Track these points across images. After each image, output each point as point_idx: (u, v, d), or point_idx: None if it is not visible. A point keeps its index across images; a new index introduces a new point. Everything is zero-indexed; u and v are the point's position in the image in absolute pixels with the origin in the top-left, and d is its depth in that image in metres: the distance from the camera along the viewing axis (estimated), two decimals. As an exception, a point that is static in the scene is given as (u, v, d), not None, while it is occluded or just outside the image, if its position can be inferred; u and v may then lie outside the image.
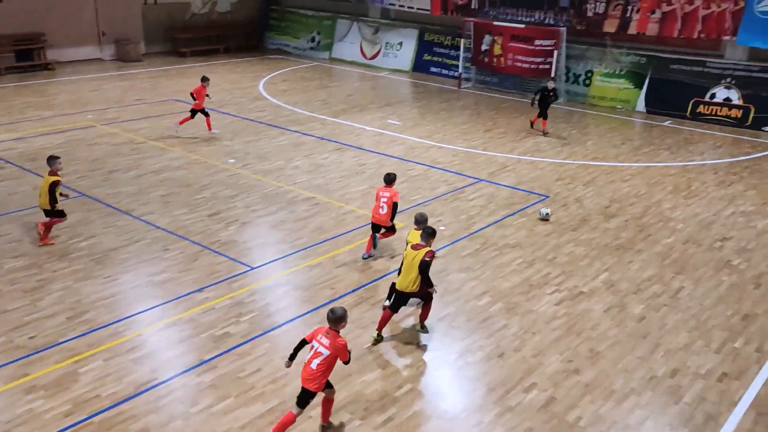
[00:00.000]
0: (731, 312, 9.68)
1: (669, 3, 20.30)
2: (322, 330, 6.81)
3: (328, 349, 6.67)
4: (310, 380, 6.70)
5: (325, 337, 6.72)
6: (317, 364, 6.67)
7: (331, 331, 6.74)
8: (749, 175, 15.54)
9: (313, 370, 6.68)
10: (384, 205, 10.63)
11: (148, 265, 10.51)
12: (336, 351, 6.67)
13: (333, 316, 6.74)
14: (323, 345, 6.70)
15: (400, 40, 26.96)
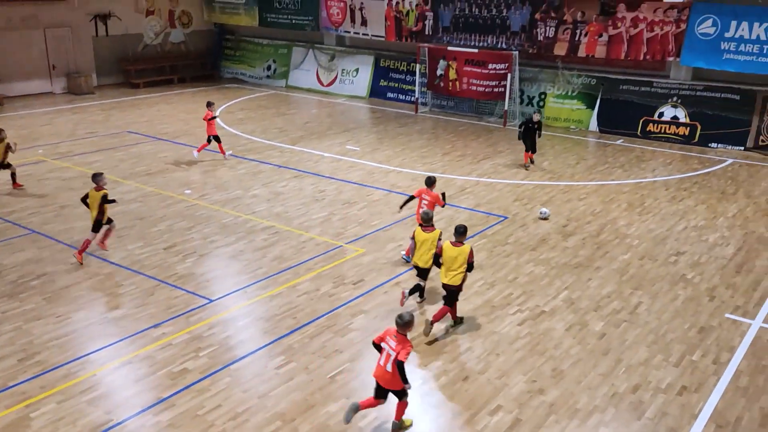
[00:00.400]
0: (688, 325, 9.84)
1: (615, 27, 20.91)
2: (391, 332, 7.21)
3: (396, 351, 7.05)
4: (390, 382, 7.15)
5: (393, 340, 7.12)
6: (391, 365, 7.07)
7: (398, 334, 7.14)
8: (698, 190, 15.95)
9: (389, 372, 7.09)
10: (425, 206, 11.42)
11: (102, 302, 10.24)
12: (399, 352, 7.02)
13: (401, 322, 7.14)
14: (392, 348, 7.09)
15: (356, 67, 27.14)
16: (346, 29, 26.89)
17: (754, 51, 18.70)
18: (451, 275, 9.36)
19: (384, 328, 9.49)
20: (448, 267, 9.36)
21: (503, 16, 22.89)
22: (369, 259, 11.91)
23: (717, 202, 15.07)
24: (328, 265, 11.62)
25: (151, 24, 29.25)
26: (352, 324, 9.74)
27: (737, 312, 10.25)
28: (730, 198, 15.39)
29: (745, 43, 18.78)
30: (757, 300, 10.64)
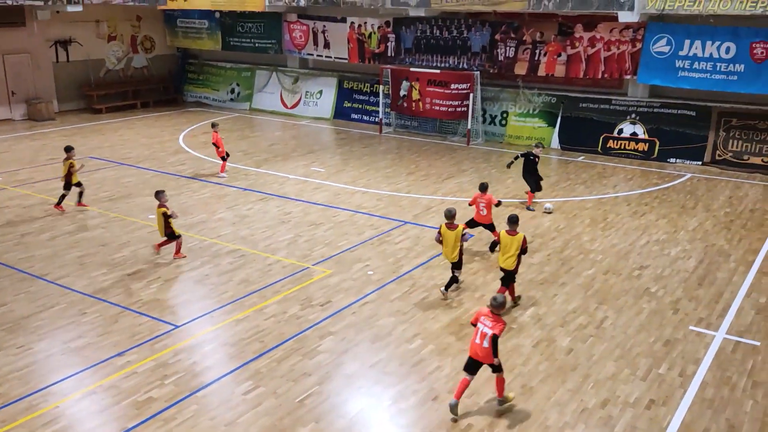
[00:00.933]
0: (653, 338, 9.98)
1: (573, 46, 21.36)
2: (484, 313, 8.10)
3: (492, 329, 7.93)
4: (484, 357, 8.05)
5: (488, 320, 8.02)
6: (487, 342, 7.95)
7: (492, 314, 8.03)
8: (659, 205, 16.27)
9: (485, 348, 7.98)
10: (484, 209, 12.89)
11: (64, 332, 10.00)
12: (496, 331, 7.93)
13: (495, 303, 8.07)
14: (487, 326, 7.99)
15: (319, 89, 27.22)
16: (309, 52, 27.00)
17: (707, 68, 19.25)
18: (505, 259, 10.60)
19: (353, 348, 9.51)
20: (504, 252, 10.62)
21: (464, 37, 23.22)
22: (336, 280, 11.86)
23: (677, 216, 15.38)
24: (294, 287, 11.55)
25: (113, 49, 29.00)
26: (320, 346, 9.66)
27: (701, 324, 10.43)
28: (690, 212, 15.73)
29: (698, 61, 19.33)
30: (719, 311, 10.84)
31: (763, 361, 9.37)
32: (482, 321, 8.10)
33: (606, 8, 19.27)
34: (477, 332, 8.08)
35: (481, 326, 8.06)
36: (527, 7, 20.35)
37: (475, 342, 8.08)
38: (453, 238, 10.91)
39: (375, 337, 9.91)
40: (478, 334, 8.06)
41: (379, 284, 11.71)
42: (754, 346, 9.76)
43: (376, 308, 10.83)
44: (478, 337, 8.04)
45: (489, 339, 7.93)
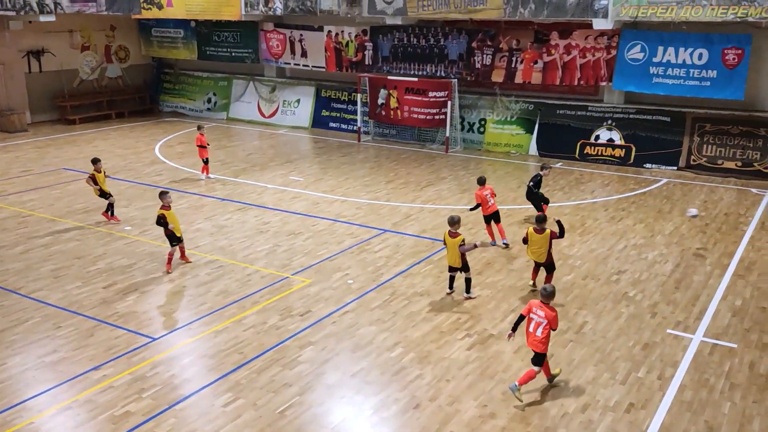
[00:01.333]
0: (632, 342, 10.04)
1: (549, 54, 21.55)
2: (535, 304, 8.61)
3: (545, 318, 8.47)
4: (538, 345, 8.53)
5: (540, 309, 8.53)
6: (540, 331, 8.48)
7: (543, 304, 8.55)
8: (636, 209, 16.42)
9: (539, 337, 8.50)
10: (490, 198, 13.75)
11: (39, 346, 9.82)
12: (550, 319, 8.48)
13: (546, 293, 8.61)
14: (539, 316, 8.52)
15: (297, 98, 27.17)
16: (286, 61, 26.95)
17: (681, 75, 19.52)
18: (537, 253, 11.37)
19: (334, 358, 9.44)
20: (533, 249, 11.36)
21: (441, 45, 23.33)
22: (316, 289, 11.79)
23: (654, 221, 15.53)
24: (274, 297, 11.46)
25: (87, 59, 28.70)
26: (300, 356, 9.58)
27: (678, 327, 10.51)
28: (667, 216, 15.89)
29: (672, 68, 19.60)
30: (696, 314, 10.94)
31: (740, 363, 9.46)
32: (534, 311, 8.61)
33: (581, 16, 19.48)
34: (531, 322, 8.63)
35: (534, 317, 8.61)
36: (503, 15, 20.50)
37: (529, 331, 8.64)
38: (453, 246, 11.13)
39: (356, 346, 9.86)
40: (532, 324, 8.62)
41: (359, 293, 11.66)
42: (730, 348, 9.85)
43: (356, 317, 10.78)
44: (532, 327, 8.60)
45: (543, 329, 8.51)
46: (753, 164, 19.23)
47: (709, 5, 17.69)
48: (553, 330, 8.65)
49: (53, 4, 24.53)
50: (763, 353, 9.73)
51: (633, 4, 18.63)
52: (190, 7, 26.40)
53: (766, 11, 17.08)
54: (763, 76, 19.44)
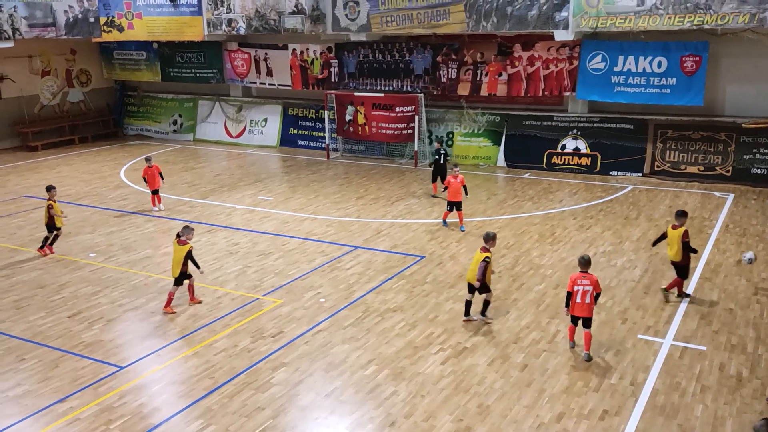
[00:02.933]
0: (604, 349, 10.07)
1: (513, 66, 21.79)
2: (577, 276, 9.69)
3: (591, 285, 9.62)
4: (586, 310, 9.70)
5: (584, 280, 9.64)
6: (588, 298, 9.63)
7: (585, 273, 9.68)
8: (604, 217, 16.59)
9: (587, 303, 9.66)
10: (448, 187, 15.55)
11: (2, 380, 9.53)
12: (595, 284, 9.65)
13: (584, 261, 9.78)
14: (585, 285, 9.63)
15: (264, 117, 27.05)
16: (251, 80, 26.85)
17: (641, 83, 19.86)
18: (673, 253, 11.42)
19: (307, 379, 9.31)
20: (671, 246, 11.46)
21: (406, 60, 23.45)
22: (287, 309, 11.66)
23: (622, 228, 15.69)
24: (245, 319, 11.30)
25: (48, 84, 28.28)
26: (273, 378, 9.43)
27: (649, 332, 10.59)
28: (634, 222, 16.07)
29: (633, 76, 19.93)
30: (666, 318, 11.03)
31: (710, 365, 9.54)
32: (579, 283, 9.60)
33: (542, 28, 19.73)
34: (577, 294, 9.61)
35: (580, 287, 9.60)
36: (466, 28, 20.69)
37: (577, 302, 9.64)
38: (477, 262, 10.78)
39: (329, 366, 9.74)
40: (579, 295, 9.61)
41: (331, 311, 11.55)
42: (700, 351, 9.95)
43: (329, 336, 10.66)
44: (579, 297, 9.60)
45: (591, 296, 9.57)
46: (715, 168, 19.58)
47: (666, 14, 18.06)
48: (597, 295, 9.70)
49: (11, 30, 24.20)
50: (732, 354, 9.83)
51: (592, 15, 18.94)
52: (151, 28, 26.18)
53: (721, 18, 17.48)
54: (721, 82, 19.87)
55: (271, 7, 23.79)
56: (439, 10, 20.82)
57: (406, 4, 21.28)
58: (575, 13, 19.13)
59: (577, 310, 9.74)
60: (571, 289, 9.69)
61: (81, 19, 25.93)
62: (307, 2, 22.99)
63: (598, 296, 9.77)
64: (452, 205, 15.75)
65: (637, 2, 18.31)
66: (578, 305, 9.69)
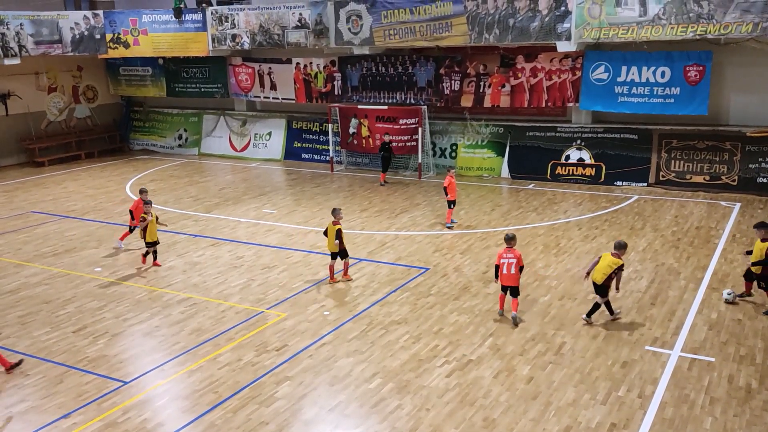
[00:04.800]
0: (611, 361, 9.99)
1: (516, 77, 21.81)
2: (504, 251, 11.20)
3: (515, 258, 11.13)
4: (512, 280, 11.22)
5: (508, 253, 11.16)
6: (513, 269, 11.12)
7: (510, 249, 11.19)
8: (609, 227, 16.51)
9: (513, 274, 11.14)
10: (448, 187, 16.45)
11: (6, 396, 9.50)
12: (518, 258, 11.16)
13: (508, 238, 11.31)
14: (510, 258, 11.12)
15: (268, 130, 27.13)
16: (256, 94, 26.95)
17: (645, 93, 19.84)
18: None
19: (311, 393, 9.26)
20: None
21: (409, 72, 23.52)
22: (291, 323, 11.62)
23: (627, 238, 15.59)
24: (249, 333, 11.26)
25: (55, 101, 28.45)
26: (277, 392, 9.38)
27: (656, 343, 10.49)
28: (639, 233, 15.99)
29: (636, 86, 19.92)
30: (673, 330, 10.94)
31: (719, 377, 9.44)
32: (505, 257, 11.13)
33: (544, 39, 19.77)
34: (503, 266, 11.13)
35: (506, 261, 11.10)
36: (469, 41, 20.75)
37: (503, 273, 11.15)
38: (607, 267, 11.03)
39: (333, 379, 9.69)
40: (504, 267, 11.12)
41: (335, 324, 11.51)
42: (709, 363, 9.85)
43: (333, 349, 10.61)
44: (506, 269, 11.13)
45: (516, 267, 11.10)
46: (721, 177, 19.50)
47: (668, 24, 18.07)
48: (521, 269, 11.19)
49: (18, 47, 24.39)
50: (741, 366, 9.73)
51: (595, 26, 18.97)
52: (157, 44, 26.38)
53: (724, 28, 17.48)
54: (726, 91, 19.83)
55: (274, 22, 23.96)
56: (441, 22, 20.90)
57: (409, 17, 21.37)
58: (577, 24, 19.16)
59: (505, 280, 11.22)
60: (498, 263, 11.19)
61: (87, 36, 26.13)
62: (310, 17, 23.14)
63: (522, 269, 11.28)
64: (452, 203, 16.88)
65: (640, 13, 18.33)
66: (505, 276, 11.18)
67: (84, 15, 26.22)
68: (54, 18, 25.39)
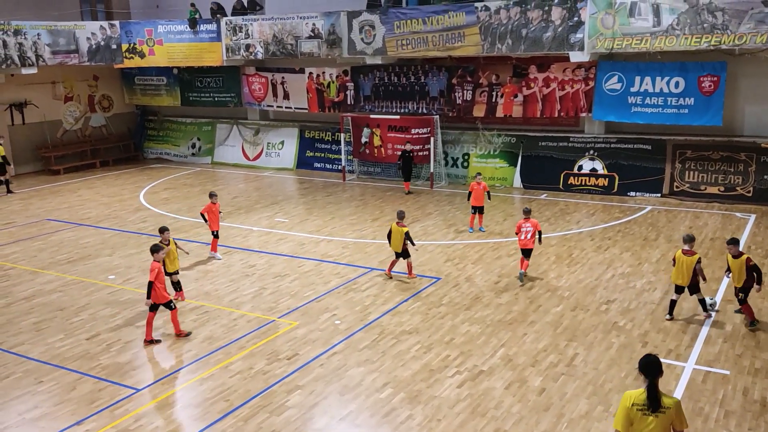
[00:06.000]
0: (624, 373, 9.91)
1: (528, 87, 21.81)
2: (522, 222, 13.51)
3: (532, 227, 13.38)
4: (529, 244, 13.46)
5: (526, 223, 13.46)
6: (530, 235, 13.39)
7: (527, 219, 13.50)
8: (622, 238, 16.43)
9: (530, 239, 13.38)
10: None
11: (19, 402, 9.56)
12: (535, 225, 13.46)
13: (526, 211, 13.81)
14: (527, 227, 13.43)
15: (281, 140, 27.26)
16: (269, 103, 27.11)
17: (658, 103, 19.77)
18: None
19: (322, 402, 9.25)
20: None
21: (422, 82, 23.58)
22: (303, 331, 11.63)
23: (641, 249, 15.52)
24: (260, 341, 11.28)
25: (71, 110, 28.76)
26: (288, 401, 9.39)
27: (670, 356, 10.40)
28: (653, 244, 15.90)
29: (650, 96, 19.86)
30: (687, 342, 10.85)
31: (734, 390, 9.35)
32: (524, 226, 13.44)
33: (557, 49, 19.77)
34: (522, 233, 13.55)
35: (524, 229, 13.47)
36: (481, 51, 20.78)
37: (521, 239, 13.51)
38: (687, 265, 11.23)
39: (344, 389, 9.68)
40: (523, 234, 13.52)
41: (346, 333, 11.51)
42: (723, 375, 9.75)
43: (344, 358, 10.61)
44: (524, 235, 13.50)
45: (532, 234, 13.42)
46: (735, 188, 19.37)
47: (682, 35, 18.01)
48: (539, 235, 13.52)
49: (35, 57, 24.69)
50: (756, 379, 9.63)
51: (608, 36, 18.95)
52: (172, 54, 26.62)
53: (738, 39, 17.40)
54: (740, 102, 19.72)
55: (288, 32, 24.12)
56: (454, 33, 20.95)
57: (421, 28, 21.44)
58: (591, 34, 19.15)
59: (522, 245, 13.49)
60: (518, 231, 13.51)
61: (103, 46, 26.42)
62: (323, 27, 23.27)
63: (540, 233, 13.53)
64: (475, 209, 17.22)
65: (653, 23, 18.30)
66: (522, 241, 13.43)
67: (100, 25, 26.53)
68: (71, 28, 25.70)
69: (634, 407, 5.98)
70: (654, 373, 5.97)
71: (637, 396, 6.03)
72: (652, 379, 5.96)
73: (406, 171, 22.12)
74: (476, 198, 17.03)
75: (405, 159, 21.99)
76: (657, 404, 5.94)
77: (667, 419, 5.97)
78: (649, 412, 5.94)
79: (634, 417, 5.99)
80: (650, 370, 5.98)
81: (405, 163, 22.05)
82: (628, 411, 5.99)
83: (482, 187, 17.07)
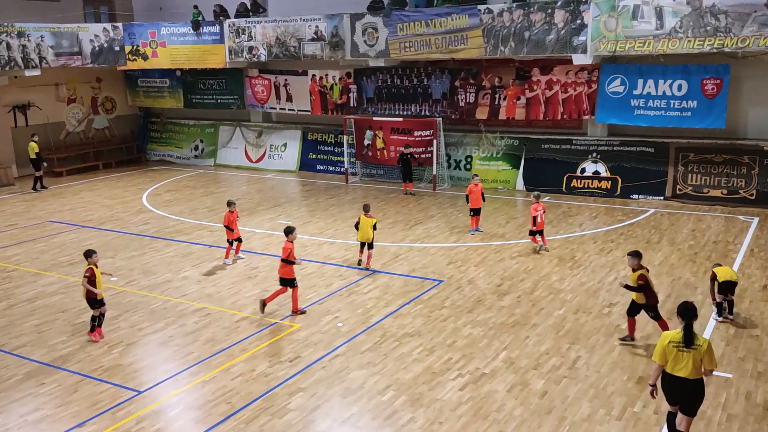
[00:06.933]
0: (627, 376, 9.89)
1: (531, 90, 21.80)
2: (535, 206, 15.09)
3: (543, 209, 15.11)
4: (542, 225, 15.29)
5: (538, 207, 15.12)
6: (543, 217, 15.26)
7: (538, 203, 15.08)
8: (624, 241, 16.40)
9: (543, 221, 15.16)
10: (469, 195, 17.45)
11: (21, 405, 9.57)
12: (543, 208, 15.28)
13: (536, 195, 15.49)
14: (540, 210, 15.08)
15: (284, 142, 27.28)
16: (272, 106, 27.14)
17: (661, 106, 19.74)
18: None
19: (324, 404, 9.24)
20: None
21: (425, 84, 23.58)
22: (305, 334, 11.62)
23: (643, 252, 15.36)
24: (262, 343, 11.28)
25: (74, 111, 28.81)
26: (289, 404, 9.38)
27: (672, 358, 10.36)
28: (655, 246, 15.86)
29: (652, 99, 19.82)
30: (689, 344, 10.80)
31: (736, 394, 9.32)
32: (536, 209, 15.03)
33: (560, 52, 19.76)
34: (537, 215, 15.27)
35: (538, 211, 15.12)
36: (484, 53, 20.78)
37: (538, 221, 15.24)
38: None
39: (346, 391, 9.67)
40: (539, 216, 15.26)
41: (348, 336, 11.49)
42: (726, 379, 9.72)
43: (346, 361, 10.60)
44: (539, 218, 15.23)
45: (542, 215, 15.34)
46: (738, 191, 19.33)
47: (685, 38, 17.99)
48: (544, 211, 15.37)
49: (38, 59, 24.74)
50: (759, 382, 9.60)
51: (611, 39, 18.93)
52: (175, 56, 26.67)
53: (741, 41, 17.38)
54: (743, 105, 19.69)
55: (291, 35, 24.15)
56: (456, 35, 20.96)
57: (424, 30, 21.45)
58: (593, 37, 19.13)
59: (539, 226, 15.14)
60: (535, 212, 15.11)
61: (106, 48, 26.48)
62: (326, 29, 23.30)
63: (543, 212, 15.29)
64: (474, 211, 17.37)
65: (656, 26, 18.29)
66: (539, 223, 15.12)
67: (104, 27, 26.59)
68: (74, 30, 25.76)
69: (671, 344, 7.40)
70: (690, 317, 7.41)
71: (673, 335, 7.46)
72: (689, 321, 7.39)
73: (406, 172, 22.31)
74: (474, 200, 17.12)
75: (404, 161, 22.16)
76: (691, 341, 7.34)
77: (698, 354, 7.32)
78: (684, 348, 7.34)
79: (669, 353, 7.42)
80: (687, 314, 7.44)
81: (404, 165, 22.21)
82: (665, 348, 7.43)
83: (479, 188, 17.18)
